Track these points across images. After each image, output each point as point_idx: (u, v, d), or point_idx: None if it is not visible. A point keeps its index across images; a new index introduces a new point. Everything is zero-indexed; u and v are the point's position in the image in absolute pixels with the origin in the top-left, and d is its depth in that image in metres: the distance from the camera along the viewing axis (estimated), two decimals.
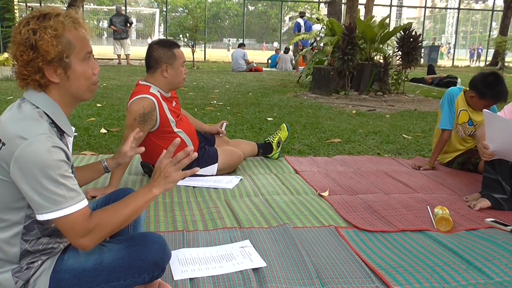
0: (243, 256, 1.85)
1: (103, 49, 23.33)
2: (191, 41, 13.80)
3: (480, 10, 37.54)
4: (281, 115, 5.45)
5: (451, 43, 25.73)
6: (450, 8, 35.54)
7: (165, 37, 14.38)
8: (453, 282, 1.72)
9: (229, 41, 40.25)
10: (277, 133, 3.50)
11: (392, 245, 2.04)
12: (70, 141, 1.33)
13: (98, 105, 5.60)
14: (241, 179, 2.92)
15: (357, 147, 3.99)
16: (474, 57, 29.77)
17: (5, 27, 9.66)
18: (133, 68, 12.61)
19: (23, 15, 11.34)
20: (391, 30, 7.90)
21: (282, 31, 25.49)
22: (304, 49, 11.12)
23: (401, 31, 7.32)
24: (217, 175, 2.95)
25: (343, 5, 10.94)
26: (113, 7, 28.61)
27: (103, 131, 4.17)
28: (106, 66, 12.90)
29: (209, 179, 2.88)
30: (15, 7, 10.19)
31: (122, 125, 4.41)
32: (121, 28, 13.15)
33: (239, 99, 6.90)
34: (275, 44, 28.75)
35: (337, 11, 10.29)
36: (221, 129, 3.24)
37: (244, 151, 3.22)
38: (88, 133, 4.07)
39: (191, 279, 1.68)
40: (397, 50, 7.30)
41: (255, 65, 13.94)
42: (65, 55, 1.24)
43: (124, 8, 16.26)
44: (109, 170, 1.70)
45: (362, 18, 9.35)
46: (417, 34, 7.26)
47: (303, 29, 12.75)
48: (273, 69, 15.13)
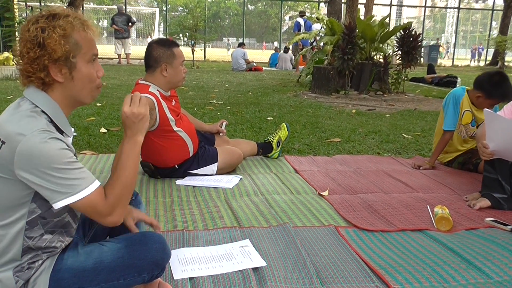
0: (243, 256, 1.85)
1: (103, 48, 23.24)
2: (191, 40, 13.80)
3: (480, 10, 37.53)
4: (281, 115, 5.45)
5: (450, 42, 25.72)
6: (450, 8, 35.51)
7: (164, 37, 14.38)
8: (453, 281, 1.72)
9: (228, 40, 40.23)
10: (277, 133, 3.50)
11: (392, 245, 2.04)
12: (69, 141, 1.33)
13: (98, 104, 5.59)
14: (241, 178, 2.92)
15: (357, 146, 3.99)
16: (476, 56, 29.70)
17: (4, 26, 9.64)
18: (133, 67, 12.60)
19: (23, 14, 11.33)
20: (391, 29, 7.90)
21: (282, 30, 25.48)
22: (304, 49, 11.12)
23: (401, 31, 7.32)
24: (217, 174, 2.95)
25: (343, 4, 10.93)
26: (113, 6, 28.61)
27: (103, 130, 4.17)
28: (106, 65, 12.89)
29: (209, 178, 2.88)
30: (14, 6, 10.16)
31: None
32: (123, 27, 13.15)
33: (239, 98, 6.90)
34: (275, 43, 28.75)
35: (337, 10, 10.28)
36: (221, 128, 3.25)
37: (244, 150, 3.22)
38: (88, 132, 4.07)
39: (191, 278, 1.68)
40: (397, 49, 7.30)
41: (255, 64, 13.93)
42: (71, 55, 1.25)
43: (124, 7, 16.24)
44: None
45: (362, 17, 9.35)
46: (417, 33, 7.26)
47: (303, 29, 12.75)
48: (273, 69, 15.13)
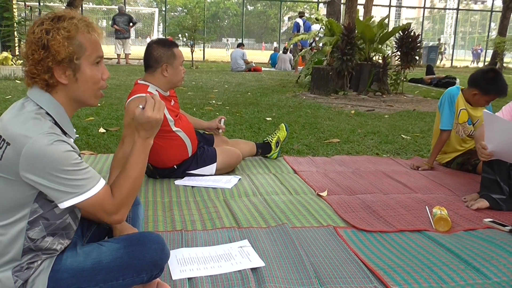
0: (241, 256, 1.85)
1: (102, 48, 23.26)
2: (190, 40, 13.80)
3: (479, 11, 37.61)
4: (280, 115, 5.45)
5: (449, 43, 25.72)
6: (449, 9, 35.56)
7: (163, 37, 14.38)
8: (451, 282, 1.72)
9: (228, 41, 40.24)
10: (276, 133, 3.50)
11: (390, 245, 2.04)
12: (71, 143, 1.33)
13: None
14: (239, 179, 2.92)
15: (356, 147, 3.99)
16: (476, 57, 29.60)
17: (3, 26, 9.62)
18: (132, 67, 12.60)
19: (22, 14, 11.33)
20: (390, 30, 7.91)
21: (281, 31, 25.49)
22: (303, 49, 11.12)
23: (400, 32, 7.33)
24: (215, 174, 2.95)
25: (342, 5, 10.94)
26: (112, 6, 28.57)
27: (101, 130, 4.17)
28: (105, 65, 12.79)
29: (207, 178, 2.88)
30: (13, 6, 10.15)
31: (121, 124, 4.41)
32: (124, 27, 13.15)
33: (238, 99, 6.90)
34: (274, 44, 28.75)
35: (336, 11, 10.27)
36: (220, 124, 3.24)
37: (242, 151, 3.22)
38: (87, 132, 4.07)
39: (189, 278, 1.68)
40: (396, 50, 7.30)
41: (254, 65, 13.94)
42: (75, 56, 1.26)
43: (124, 7, 16.24)
44: None
45: (361, 18, 9.35)
46: (416, 34, 7.27)
47: (302, 29, 12.74)
48: (272, 69, 15.13)
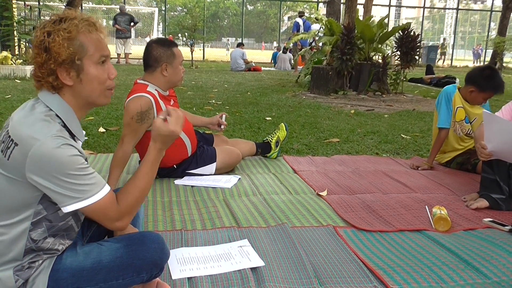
0: (241, 256, 1.85)
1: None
2: (190, 40, 13.80)
3: (479, 11, 37.59)
4: (279, 115, 5.45)
5: (449, 43, 25.73)
6: (449, 9, 35.56)
7: (163, 36, 14.40)
8: (451, 282, 1.72)
9: (227, 40, 40.27)
10: (275, 133, 3.50)
11: (390, 245, 2.04)
12: (79, 145, 1.33)
13: None
14: (239, 178, 2.92)
15: (356, 147, 3.99)
16: (477, 57, 29.53)
17: (3, 25, 9.60)
18: (131, 67, 12.59)
19: (21, 14, 11.31)
20: (389, 30, 7.91)
21: (281, 30, 25.49)
22: (303, 49, 11.11)
23: (399, 31, 7.34)
24: (215, 174, 2.95)
25: (342, 5, 10.94)
26: (112, 6, 28.51)
27: (101, 130, 4.17)
28: None
29: (207, 178, 2.88)
30: (13, 5, 10.13)
31: (120, 124, 4.41)
32: (125, 27, 13.15)
33: (238, 98, 6.90)
34: (274, 44, 28.73)
35: (336, 11, 10.26)
36: (221, 119, 3.23)
37: (242, 150, 3.22)
38: (86, 132, 4.06)
39: (189, 278, 1.68)
40: (395, 50, 7.31)
41: (253, 64, 13.94)
42: (76, 57, 1.25)
43: (125, 7, 16.23)
44: None
45: (361, 18, 9.36)
46: (416, 34, 7.27)
47: (302, 29, 12.74)
48: (272, 69, 15.14)
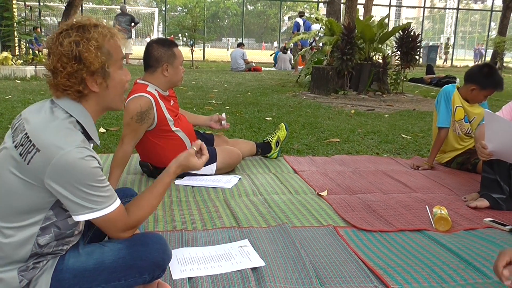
0: (242, 256, 1.85)
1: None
2: (190, 40, 13.79)
3: (479, 10, 37.57)
4: (280, 115, 5.45)
5: (449, 43, 25.74)
6: (449, 8, 35.58)
7: (163, 37, 14.40)
8: (451, 281, 1.72)
9: (228, 40, 40.26)
10: (276, 133, 3.50)
11: (390, 245, 2.04)
12: (97, 158, 1.34)
13: None
14: (240, 178, 2.92)
15: (356, 147, 3.99)
16: (478, 57, 29.49)
17: (3, 26, 9.61)
18: (132, 67, 12.59)
19: (21, 14, 11.30)
20: (390, 30, 7.91)
21: (281, 30, 25.49)
22: (303, 49, 11.11)
23: (400, 31, 7.33)
24: (216, 174, 2.95)
25: (342, 5, 10.94)
26: (112, 6, 28.53)
27: (101, 130, 4.17)
28: None
29: (207, 178, 2.88)
30: (13, 6, 10.13)
31: (120, 124, 4.41)
32: (126, 27, 13.16)
33: (238, 98, 6.90)
34: (274, 44, 28.74)
35: (336, 11, 10.26)
36: (221, 116, 3.20)
37: (242, 150, 3.22)
38: None
39: (189, 278, 1.68)
40: (396, 50, 7.30)
41: (254, 64, 13.94)
42: (106, 65, 1.27)
43: (126, 7, 16.23)
44: None
45: (361, 18, 9.35)
46: (416, 34, 7.27)
47: (302, 29, 12.74)
48: (272, 69, 15.14)
